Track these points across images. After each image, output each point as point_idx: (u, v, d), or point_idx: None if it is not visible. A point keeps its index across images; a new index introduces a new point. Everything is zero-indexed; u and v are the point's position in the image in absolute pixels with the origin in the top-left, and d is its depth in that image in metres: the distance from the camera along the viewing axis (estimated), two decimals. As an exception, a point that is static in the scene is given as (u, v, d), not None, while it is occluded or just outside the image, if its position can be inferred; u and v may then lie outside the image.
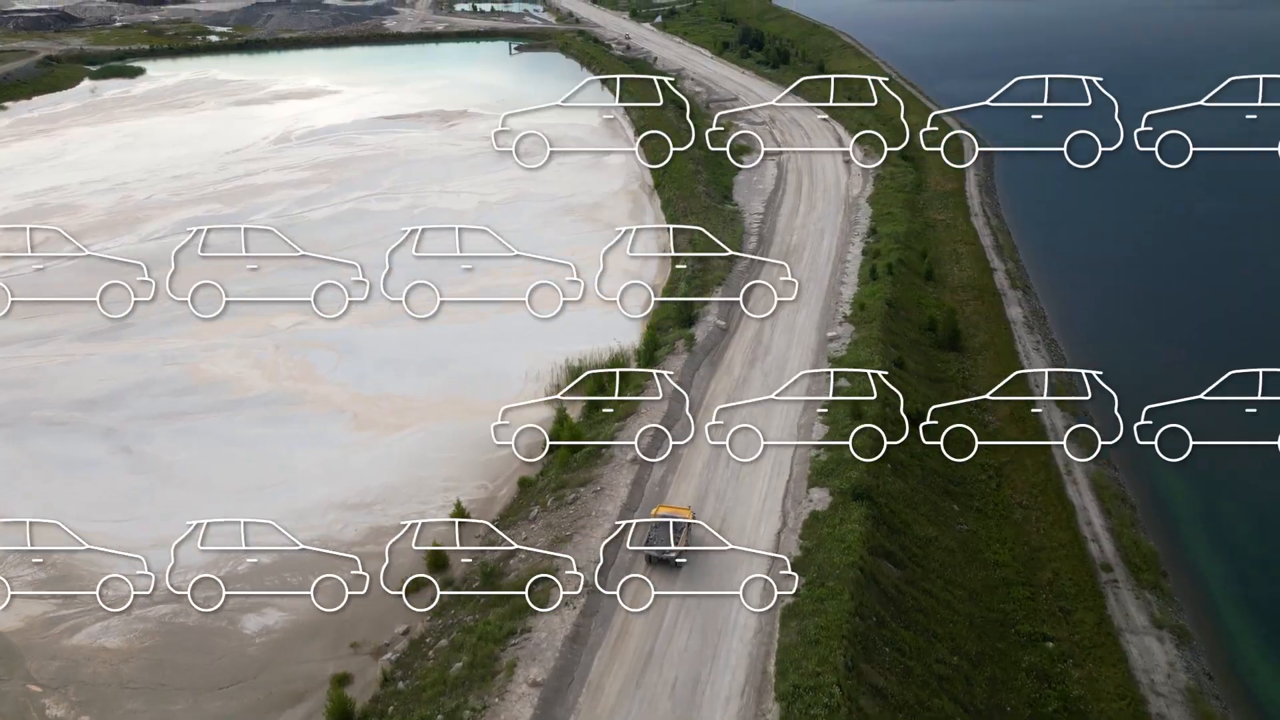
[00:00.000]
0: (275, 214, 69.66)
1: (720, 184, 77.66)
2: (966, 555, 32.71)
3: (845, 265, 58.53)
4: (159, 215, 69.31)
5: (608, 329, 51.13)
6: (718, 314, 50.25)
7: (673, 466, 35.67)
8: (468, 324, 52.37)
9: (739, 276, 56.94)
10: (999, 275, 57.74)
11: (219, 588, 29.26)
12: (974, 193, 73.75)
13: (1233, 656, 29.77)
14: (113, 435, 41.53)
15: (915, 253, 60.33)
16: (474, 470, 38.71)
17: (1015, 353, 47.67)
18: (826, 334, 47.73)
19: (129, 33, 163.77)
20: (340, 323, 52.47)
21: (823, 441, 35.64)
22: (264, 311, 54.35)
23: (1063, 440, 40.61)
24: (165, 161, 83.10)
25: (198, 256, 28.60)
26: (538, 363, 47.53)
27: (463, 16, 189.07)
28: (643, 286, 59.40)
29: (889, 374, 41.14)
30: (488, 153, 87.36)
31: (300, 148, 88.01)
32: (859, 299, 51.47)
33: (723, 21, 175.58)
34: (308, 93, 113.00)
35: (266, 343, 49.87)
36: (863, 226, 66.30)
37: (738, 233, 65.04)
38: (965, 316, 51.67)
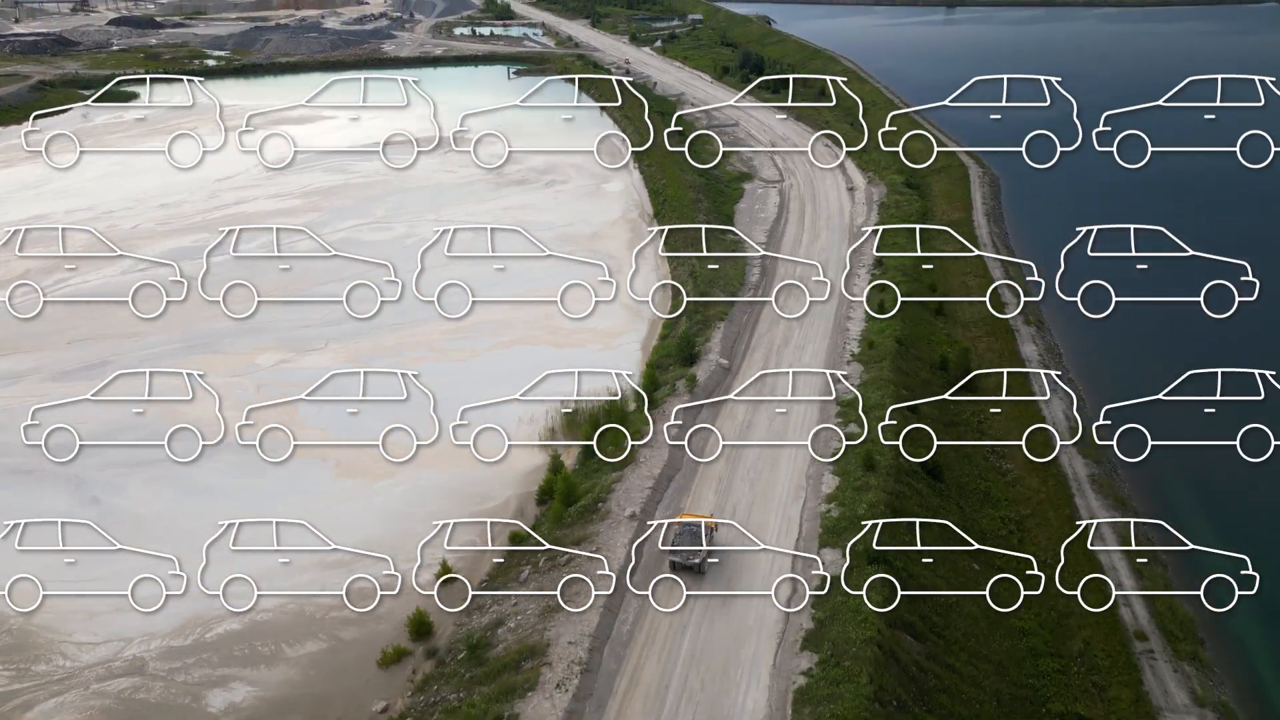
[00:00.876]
0: (263, 244, 67.53)
1: (721, 213, 75.81)
2: (990, 621, 30.38)
3: (851, 298, 56.46)
4: (144, 245, 67.30)
5: (605, 364, 49.15)
6: (720, 352, 48.15)
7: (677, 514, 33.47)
8: (459, 362, 50.48)
9: (742, 309, 54.98)
10: (1011, 310, 55.68)
11: (251, 587, 28.32)
12: (981, 222, 71.84)
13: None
14: (81, 485, 39.30)
15: (924, 285, 58.29)
16: (462, 525, 36.36)
17: (1031, 392, 45.48)
18: (835, 373, 45.55)
19: (125, 56, 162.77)
20: (324, 359, 50.90)
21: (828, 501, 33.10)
22: (247, 347, 52.50)
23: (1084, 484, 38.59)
24: (154, 189, 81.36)
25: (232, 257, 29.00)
26: (531, 405, 45.38)
27: (462, 40, 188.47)
28: (673, 285, 58.30)
29: (899, 421, 39.17)
30: (484, 180, 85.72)
31: (293, 174, 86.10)
32: (867, 336, 49.42)
33: (723, 46, 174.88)
34: (301, 118, 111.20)
35: (248, 382, 47.78)
36: (867, 256, 64.35)
37: (739, 263, 63.04)
38: (978, 354, 49.57)
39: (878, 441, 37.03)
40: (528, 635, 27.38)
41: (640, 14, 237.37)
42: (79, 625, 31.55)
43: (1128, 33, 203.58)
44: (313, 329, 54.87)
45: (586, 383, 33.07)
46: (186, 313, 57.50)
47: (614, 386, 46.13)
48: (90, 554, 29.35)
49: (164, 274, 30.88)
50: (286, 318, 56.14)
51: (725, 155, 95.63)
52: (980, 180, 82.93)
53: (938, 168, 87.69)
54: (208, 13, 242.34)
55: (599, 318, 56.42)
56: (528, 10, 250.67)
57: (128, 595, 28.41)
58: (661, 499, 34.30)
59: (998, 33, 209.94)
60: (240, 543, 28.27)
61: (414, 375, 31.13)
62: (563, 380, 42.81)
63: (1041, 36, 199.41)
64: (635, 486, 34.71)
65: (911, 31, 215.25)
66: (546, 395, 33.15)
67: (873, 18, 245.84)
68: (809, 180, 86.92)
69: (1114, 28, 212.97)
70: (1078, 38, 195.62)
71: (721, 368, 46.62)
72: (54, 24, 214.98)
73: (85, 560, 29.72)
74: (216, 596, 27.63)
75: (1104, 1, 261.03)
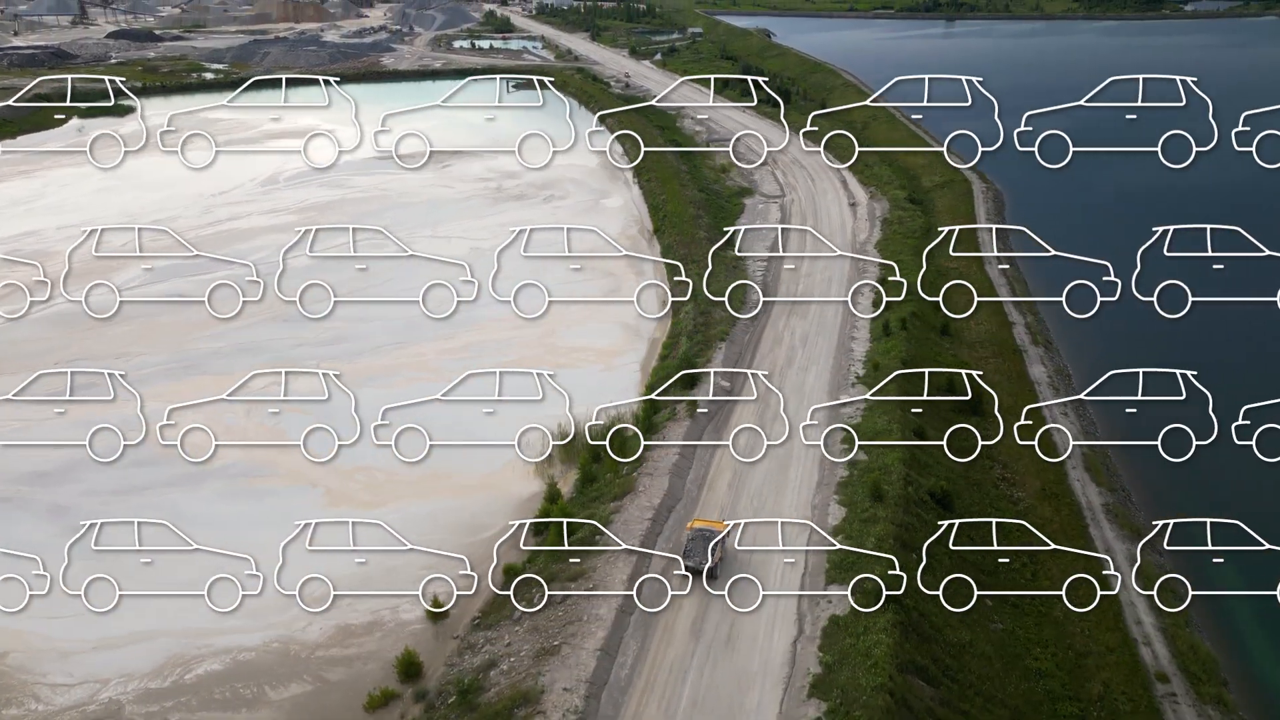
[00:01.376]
0: (257, 260, 66.42)
1: (722, 228, 74.74)
2: (1005, 662, 29.11)
3: (855, 319, 55.32)
4: (134, 264, 66.11)
5: (603, 388, 47.98)
6: (721, 377, 46.93)
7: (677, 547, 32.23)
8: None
9: (744, 330, 53.85)
10: (1019, 330, 54.61)
11: (328, 587, 28.37)
12: (986, 237, 70.67)
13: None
14: (62, 514, 38.03)
15: (929, 305, 57.09)
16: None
17: (1042, 417, 44.30)
18: (839, 397, 44.41)
19: (124, 69, 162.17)
20: (318, 381, 49.69)
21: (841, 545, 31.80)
22: (238, 368, 51.23)
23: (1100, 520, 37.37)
24: (148, 205, 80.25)
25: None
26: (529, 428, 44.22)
27: (461, 54, 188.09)
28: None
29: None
30: (482, 195, 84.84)
31: (289, 190, 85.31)
32: (872, 357, 48.26)
33: (722, 59, 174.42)
34: (300, 131, 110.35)
35: (238, 405, 46.42)
36: (872, 274, 63.29)
37: (741, 279, 61.96)
38: (986, 376, 48.30)
39: (885, 470, 35.86)
40: (521, 679, 26.09)
41: (640, 27, 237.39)
42: (53, 665, 30.27)
43: (1127, 46, 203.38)
44: (307, 348, 53.80)
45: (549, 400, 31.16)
46: (179, 331, 56.75)
47: (611, 410, 45.37)
48: (167, 554, 29.47)
49: (240, 274, 32.27)
50: (281, 337, 55.05)
51: (725, 170, 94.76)
52: (984, 195, 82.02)
53: (941, 183, 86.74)
54: (207, 26, 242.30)
55: (598, 337, 55.51)
56: (527, 23, 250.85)
57: (204, 595, 28.53)
58: (661, 530, 33.04)
59: (997, 45, 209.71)
60: (316, 543, 28.45)
61: (335, 375, 30.51)
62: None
63: (1041, 49, 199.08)
64: (634, 517, 33.48)
65: (912, 44, 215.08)
66: (468, 396, 32.57)
67: (873, 31, 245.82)
68: (810, 196, 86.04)
69: (1114, 41, 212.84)
70: (1077, 50, 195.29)
71: (723, 390, 45.40)
72: (53, 37, 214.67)
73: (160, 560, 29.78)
74: (293, 596, 27.93)
75: (1103, 15, 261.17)
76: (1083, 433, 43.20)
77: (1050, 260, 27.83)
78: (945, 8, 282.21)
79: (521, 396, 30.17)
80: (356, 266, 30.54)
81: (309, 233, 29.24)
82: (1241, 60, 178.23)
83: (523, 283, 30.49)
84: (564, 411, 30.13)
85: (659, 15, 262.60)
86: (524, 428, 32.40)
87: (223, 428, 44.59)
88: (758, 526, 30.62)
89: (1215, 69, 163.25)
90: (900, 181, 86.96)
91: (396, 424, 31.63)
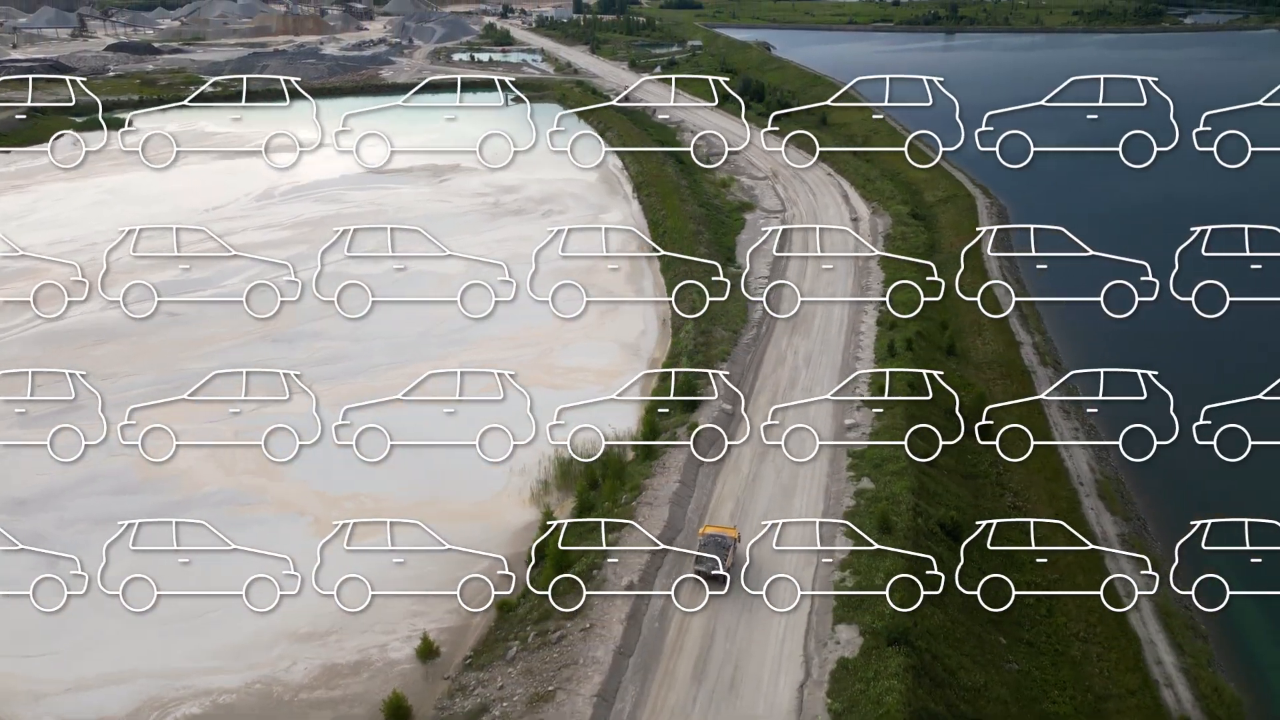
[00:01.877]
0: (248, 278, 65.24)
1: (723, 245, 73.66)
2: (1021, 705, 27.78)
3: (860, 337, 54.16)
4: (124, 279, 64.92)
5: (602, 411, 46.74)
6: (723, 397, 45.70)
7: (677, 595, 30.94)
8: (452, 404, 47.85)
9: (745, 349, 52.67)
10: (1026, 349, 53.42)
11: (366, 588, 28.97)
12: (989, 254, 69.56)
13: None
14: (40, 545, 36.60)
15: (935, 324, 55.97)
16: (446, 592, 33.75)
17: (1051, 438, 43.11)
18: (844, 421, 43.16)
19: (121, 83, 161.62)
20: (304, 407, 48.45)
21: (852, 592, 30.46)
22: (235, 389, 50.02)
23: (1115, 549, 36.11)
24: (140, 219, 78.93)
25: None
26: (525, 452, 42.85)
27: (460, 66, 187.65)
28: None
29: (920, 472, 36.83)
30: (480, 210, 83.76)
31: (283, 204, 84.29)
32: (878, 379, 46.99)
33: (722, 72, 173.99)
34: (295, 145, 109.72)
35: (225, 429, 45.14)
36: (875, 292, 62.15)
37: (742, 300, 60.77)
38: (994, 399, 47.10)
39: (894, 500, 34.60)
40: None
41: (639, 40, 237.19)
42: (25, 708, 28.94)
43: (1128, 60, 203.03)
44: (301, 369, 52.35)
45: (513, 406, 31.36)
46: (168, 352, 55.48)
47: (608, 431, 44.13)
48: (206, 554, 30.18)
49: (279, 274, 32.35)
50: (275, 357, 53.63)
51: (726, 185, 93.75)
52: (988, 211, 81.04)
53: (944, 197, 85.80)
54: (206, 39, 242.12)
55: (596, 357, 54.27)
56: (527, 36, 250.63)
57: (243, 595, 28.93)
58: (662, 565, 31.74)
59: (997, 58, 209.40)
60: (354, 542, 29.46)
61: (296, 375, 30.02)
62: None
63: (1042, 62, 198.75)
64: (632, 551, 32.12)
65: (912, 57, 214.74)
66: (429, 396, 33.15)
67: (873, 43, 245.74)
68: (812, 211, 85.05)
69: (1115, 54, 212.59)
70: (1078, 63, 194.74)
71: (725, 413, 44.16)
72: (52, 49, 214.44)
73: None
74: (331, 596, 28.22)
75: (1103, 28, 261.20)
76: (1095, 459, 41.94)
77: (1078, 263, 27.23)
78: (945, 20, 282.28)
79: (483, 397, 30.85)
80: (395, 267, 31.77)
81: (347, 233, 29.81)
82: (1241, 72, 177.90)
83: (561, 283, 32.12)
84: (525, 412, 30.86)
85: (659, 28, 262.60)
86: (484, 427, 32.47)
87: (207, 453, 43.52)
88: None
89: (1215, 82, 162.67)
90: (902, 196, 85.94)
91: (357, 424, 32.96)
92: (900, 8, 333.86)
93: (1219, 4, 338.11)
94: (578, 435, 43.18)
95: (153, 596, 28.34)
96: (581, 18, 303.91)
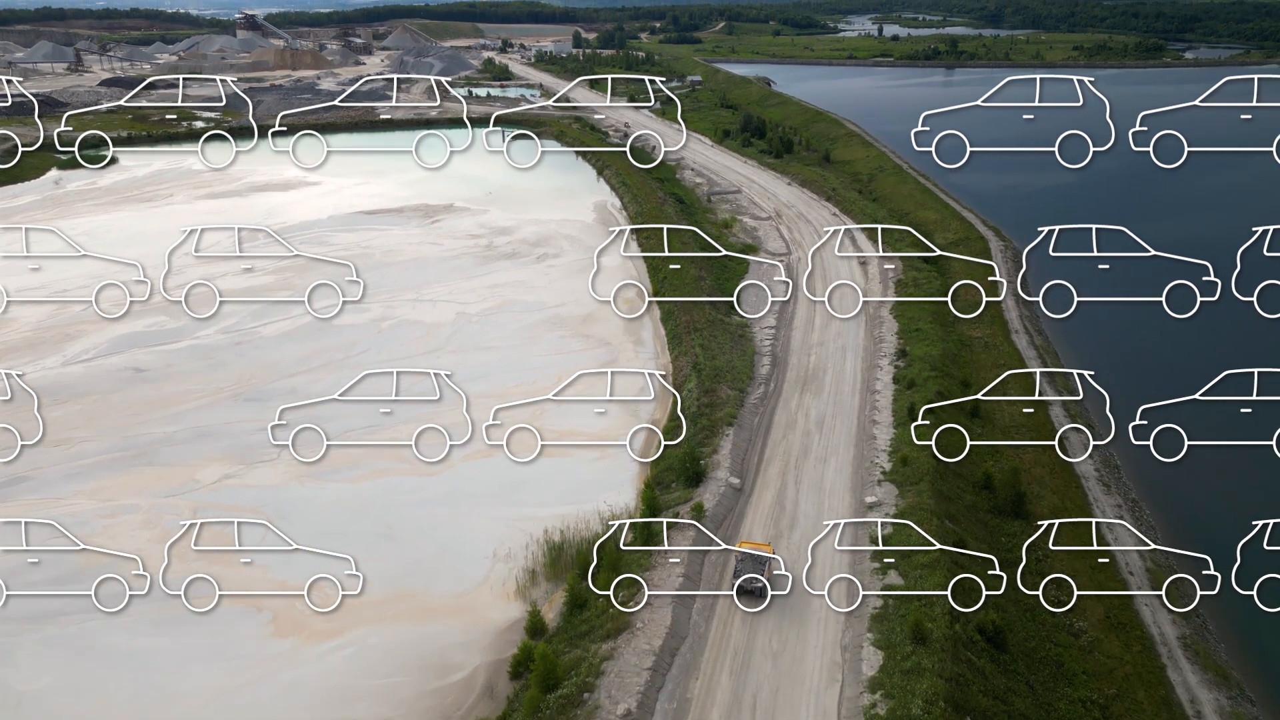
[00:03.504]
0: (223, 329, 61.62)
1: (726, 291, 69.95)
2: None
3: (875, 397, 50.25)
4: (92, 331, 61.22)
5: (595, 483, 42.65)
6: (730, 469, 41.71)
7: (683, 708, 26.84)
8: (426, 476, 43.44)
9: (753, 411, 48.73)
10: (1055, 410, 49.49)
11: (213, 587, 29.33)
12: (1010, 304, 65.91)
13: None
14: (-38, 643, 32.50)
15: (955, 381, 52.15)
16: (418, 709, 29.52)
17: (1098, 534, 39.00)
18: (864, 498, 39.13)
19: (112, 118, 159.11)
20: (276, 476, 44.31)
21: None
22: (190, 458, 45.87)
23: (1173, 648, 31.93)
24: (106, 273, 75.41)
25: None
26: (509, 532, 38.91)
27: (457, 102, 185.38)
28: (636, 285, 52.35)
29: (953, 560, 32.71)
30: (472, 253, 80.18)
31: (264, 248, 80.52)
32: (899, 448, 43.05)
33: (722, 107, 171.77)
34: (285, 184, 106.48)
35: (183, 505, 41.11)
36: (889, 345, 58.33)
37: (749, 351, 57.04)
38: (1025, 469, 43.14)
39: (927, 602, 30.45)
40: None
41: (638, 75, 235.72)
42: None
43: (1131, 95, 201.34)
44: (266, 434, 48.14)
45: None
46: (130, 413, 51.35)
47: (604, 509, 40.06)
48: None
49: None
50: (243, 419, 49.45)
51: (728, 225, 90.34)
52: (1002, 255, 77.57)
53: (956, 240, 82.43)
54: (203, 73, 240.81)
55: (589, 417, 50.07)
56: (526, 71, 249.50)
57: (304, 595, 30.08)
58: (663, 684, 27.55)
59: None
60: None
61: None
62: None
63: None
64: (630, 666, 27.97)
65: (912, 93, 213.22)
66: (365, 396, 31.51)
67: (873, 79, 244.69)
68: (818, 253, 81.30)
69: (1118, 90, 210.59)
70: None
71: (732, 488, 40.14)
72: (46, 84, 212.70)
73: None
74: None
75: (1104, 64, 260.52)
76: (1152, 562, 37.84)
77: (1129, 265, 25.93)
78: (945, 56, 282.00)
79: (419, 397, 30.02)
80: (242, 266, 31.50)
81: (194, 233, 30.35)
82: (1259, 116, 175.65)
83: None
84: (463, 414, 29.80)
85: (658, 64, 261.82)
86: (421, 428, 31.55)
87: (160, 534, 39.26)
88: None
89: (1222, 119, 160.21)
90: (911, 239, 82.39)
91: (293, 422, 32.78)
92: (900, 43, 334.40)
93: (1218, 39, 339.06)
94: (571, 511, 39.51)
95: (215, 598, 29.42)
96: (580, 52, 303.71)
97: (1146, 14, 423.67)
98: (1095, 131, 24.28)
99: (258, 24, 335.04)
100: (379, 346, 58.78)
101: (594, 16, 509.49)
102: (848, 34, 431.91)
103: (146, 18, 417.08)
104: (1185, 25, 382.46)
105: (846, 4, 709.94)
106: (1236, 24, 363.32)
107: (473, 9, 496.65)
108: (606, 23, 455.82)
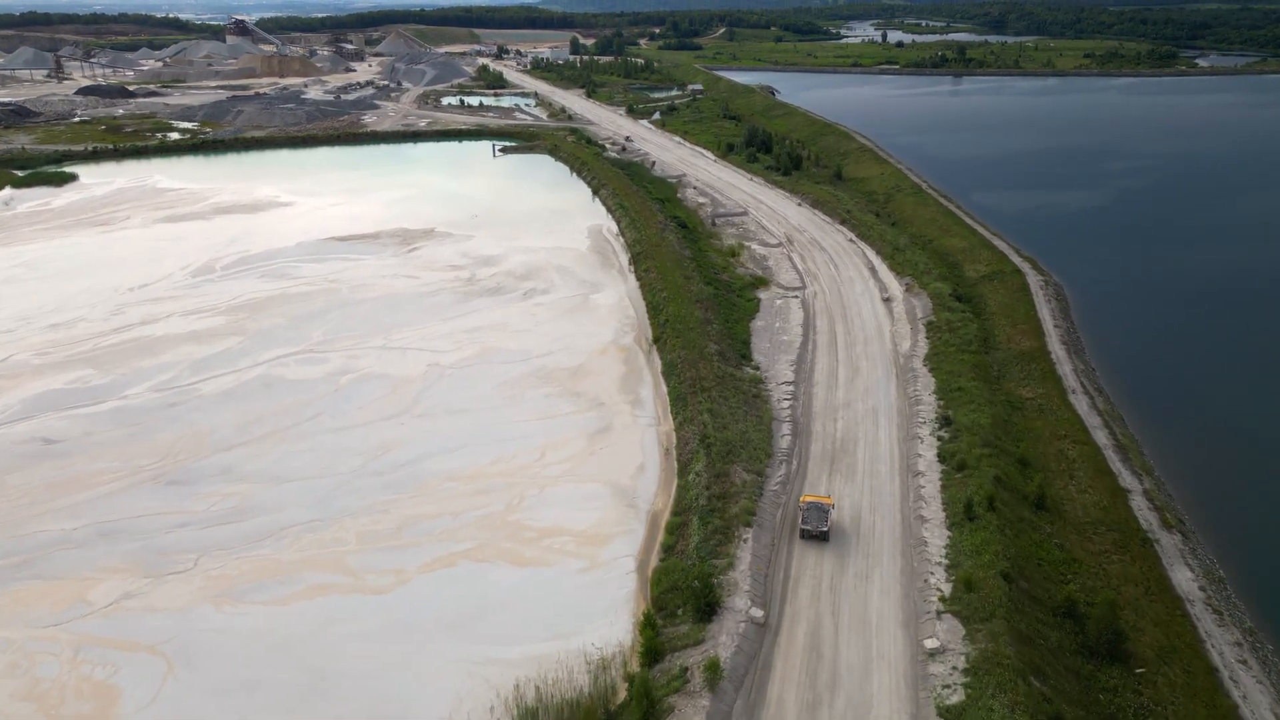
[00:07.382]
0: (157, 384, 53.36)
1: (735, 335, 61.74)
2: None
3: (920, 480, 42.06)
4: (7, 388, 52.93)
5: (581, 606, 34.20)
6: (750, 592, 33.41)
7: None
8: (372, 596, 35.16)
9: (773, 502, 40.42)
10: (1137, 500, 41.18)
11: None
12: (1061, 355, 57.58)
13: None
14: None
15: (1012, 459, 43.89)
16: None
17: (1211, 668, 30.83)
18: (922, 640, 30.83)
19: (84, 129, 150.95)
20: (186, 594, 35.74)
21: None
22: (86, 569, 37.37)
23: None
24: (50, 303, 67.30)
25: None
26: (470, 684, 30.52)
27: (448, 111, 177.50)
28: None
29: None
30: (451, 289, 71.77)
31: (222, 282, 72.35)
32: (957, 560, 34.79)
33: (725, 119, 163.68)
34: (254, 205, 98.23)
35: (63, 641, 32.71)
36: (927, 407, 50.09)
37: (765, 417, 48.72)
38: (1110, 584, 34.89)
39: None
40: None
41: (638, 83, 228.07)
42: None
43: (1148, 105, 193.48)
44: (190, 530, 39.77)
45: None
46: (21, 504, 42.51)
47: (591, 652, 31.65)
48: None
49: None
50: (157, 511, 40.84)
51: (735, 254, 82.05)
52: (1044, 292, 69.13)
53: (989, 274, 74.01)
54: (188, 80, 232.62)
55: (578, 511, 41.47)
56: (521, 79, 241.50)
57: None
58: None
59: (1011, 104, 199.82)
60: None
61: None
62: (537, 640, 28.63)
63: (1062, 108, 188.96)
64: None
65: (922, 103, 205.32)
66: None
67: (879, 87, 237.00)
68: (835, 287, 73.17)
69: (1135, 100, 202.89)
70: (1100, 109, 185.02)
71: (754, 624, 31.82)
72: (24, 91, 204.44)
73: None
74: None
75: (1118, 71, 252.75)
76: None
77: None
78: (953, 63, 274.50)
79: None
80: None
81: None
82: (1273, 121, 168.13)
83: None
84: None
85: (657, 71, 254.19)
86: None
87: (28, 683, 30.90)
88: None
89: (1240, 129, 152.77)
90: (939, 271, 74.15)
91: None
92: (906, 50, 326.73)
93: (1230, 46, 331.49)
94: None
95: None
96: (578, 59, 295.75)
97: (1155, 20, 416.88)
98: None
99: (248, 29, 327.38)
100: (334, 409, 50.41)
101: (592, 22, 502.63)
102: (850, 40, 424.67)
103: (135, 23, 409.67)
104: (1195, 32, 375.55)
105: (848, 10, 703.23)
106: (1248, 30, 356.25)
107: (469, 14, 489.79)
108: (605, 28, 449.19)
